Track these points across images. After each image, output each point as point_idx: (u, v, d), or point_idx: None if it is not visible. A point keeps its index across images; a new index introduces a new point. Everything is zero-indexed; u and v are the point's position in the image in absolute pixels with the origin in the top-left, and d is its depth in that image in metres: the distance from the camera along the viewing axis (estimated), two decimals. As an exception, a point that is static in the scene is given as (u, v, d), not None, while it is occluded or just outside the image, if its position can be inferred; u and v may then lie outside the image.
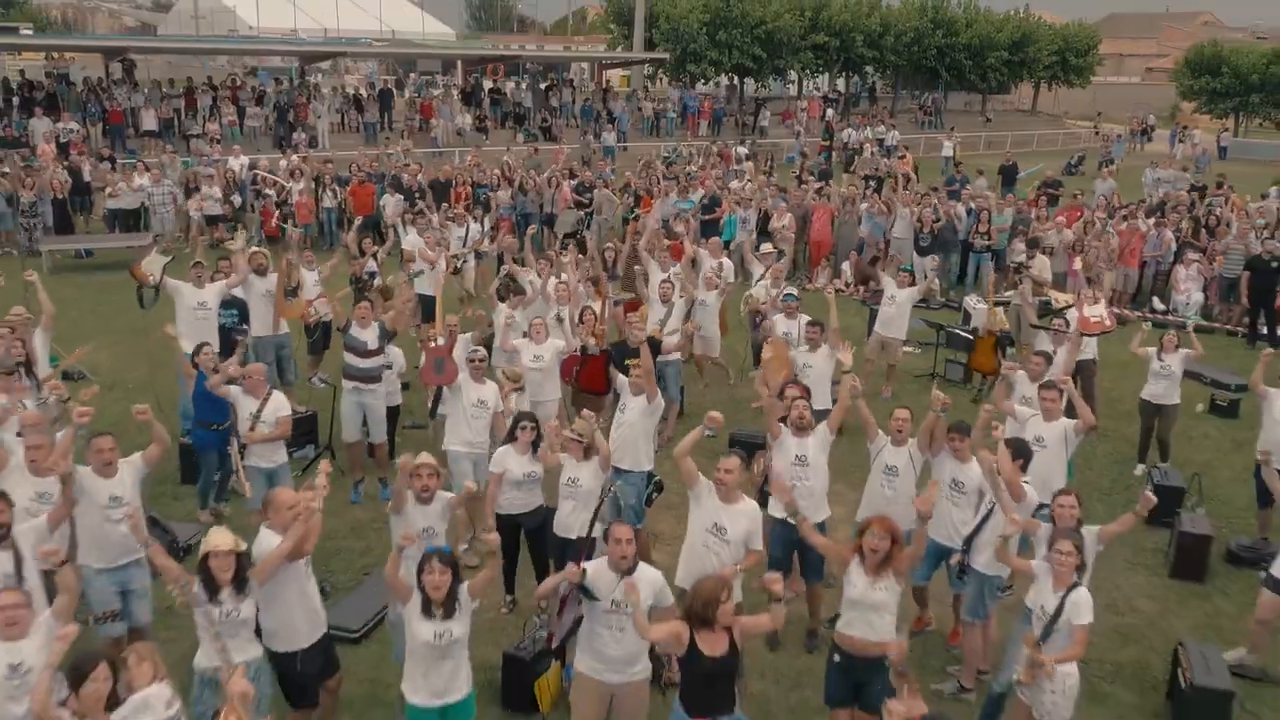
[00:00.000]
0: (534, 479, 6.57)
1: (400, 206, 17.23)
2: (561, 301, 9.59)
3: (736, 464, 5.58)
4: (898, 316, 11.11)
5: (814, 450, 6.50)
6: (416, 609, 4.72)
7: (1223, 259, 14.88)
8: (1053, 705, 4.96)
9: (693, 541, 5.77)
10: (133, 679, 4.04)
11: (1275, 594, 6.30)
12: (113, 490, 5.59)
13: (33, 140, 23.28)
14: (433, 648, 4.70)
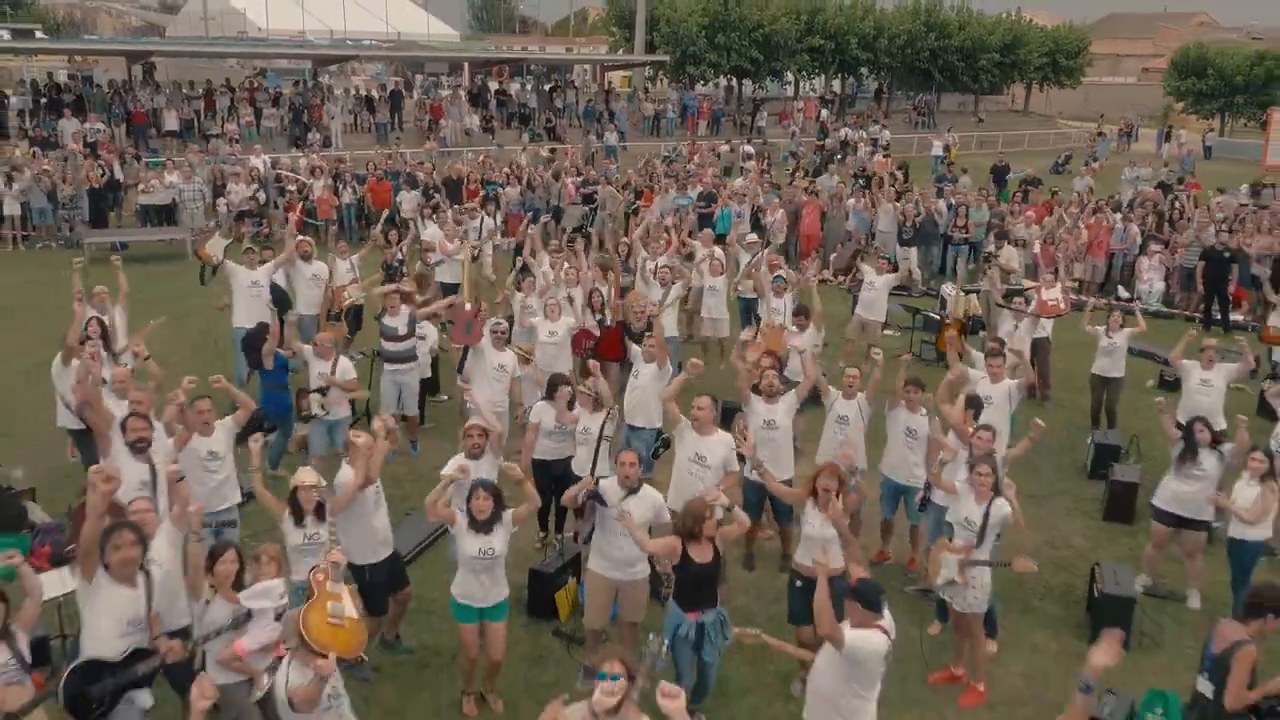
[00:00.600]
0: (564, 430, 7.69)
1: (416, 202, 18.45)
2: (570, 285, 10.75)
3: (708, 402, 6.80)
4: (877, 300, 12.28)
5: (781, 415, 7.58)
6: (464, 528, 5.83)
7: (1183, 251, 16.02)
8: (974, 599, 6.12)
9: (679, 470, 6.93)
10: (260, 573, 5.18)
11: (1158, 522, 7.47)
12: (211, 446, 6.70)
13: (62, 140, 24.44)
14: (476, 560, 5.79)
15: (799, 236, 17.98)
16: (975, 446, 6.59)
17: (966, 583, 6.13)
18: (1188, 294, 15.92)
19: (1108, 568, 7.23)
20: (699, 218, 17.52)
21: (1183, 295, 16.06)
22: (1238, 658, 4.97)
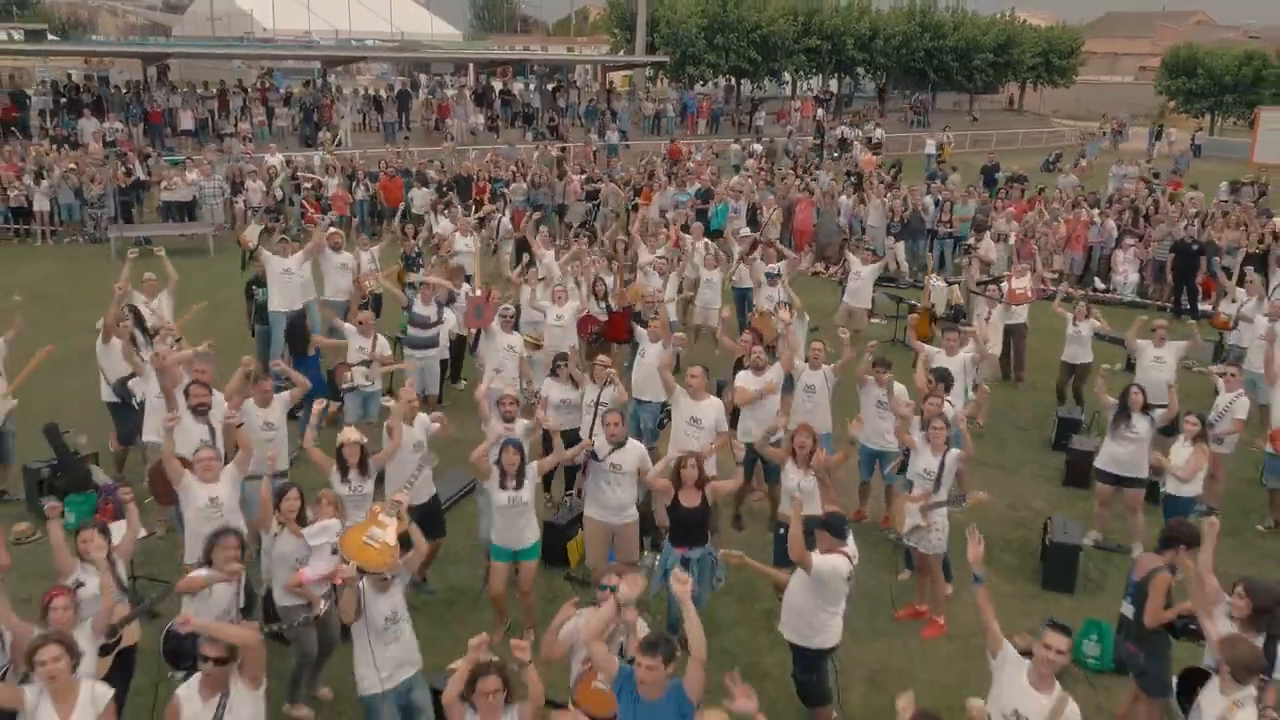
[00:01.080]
0: (570, 404, 8.56)
1: (427, 198, 19.34)
2: (577, 274, 11.64)
3: (700, 371, 7.73)
4: (862, 289, 13.18)
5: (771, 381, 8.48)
6: (496, 482, 6.71)
7: (1156, 245, 16.88)
8: (935, 541, 7.01)
9: (676, 431, 7.82)
10: (320, 514, 6.05)
11: (1101, 482, 8.34)
12: (268, 417, 7.56)
13: (82, 139, 25.32)
14: (507, 509, 6.67)
15: (793, 231, 18.84)
16: (926, 410, 7.44)
17: (929, 525, 7.01)
18: (1160, 285, 16.77)
19: (1058, 521, 8.12)
20: (697, 214, 18.39)
21: (1155, 286, 16.91)
22: (1154, 583, 5.83)
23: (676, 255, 13.27)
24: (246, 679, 4.46)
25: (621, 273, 12.14)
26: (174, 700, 4.48)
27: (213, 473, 6.41)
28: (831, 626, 5.76)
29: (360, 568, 5.26)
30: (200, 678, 4.44)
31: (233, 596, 5.53)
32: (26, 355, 8.81)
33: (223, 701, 4.37)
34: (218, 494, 6.36)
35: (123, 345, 8.48)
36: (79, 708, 4.29)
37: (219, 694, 4.38)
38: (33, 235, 19.91)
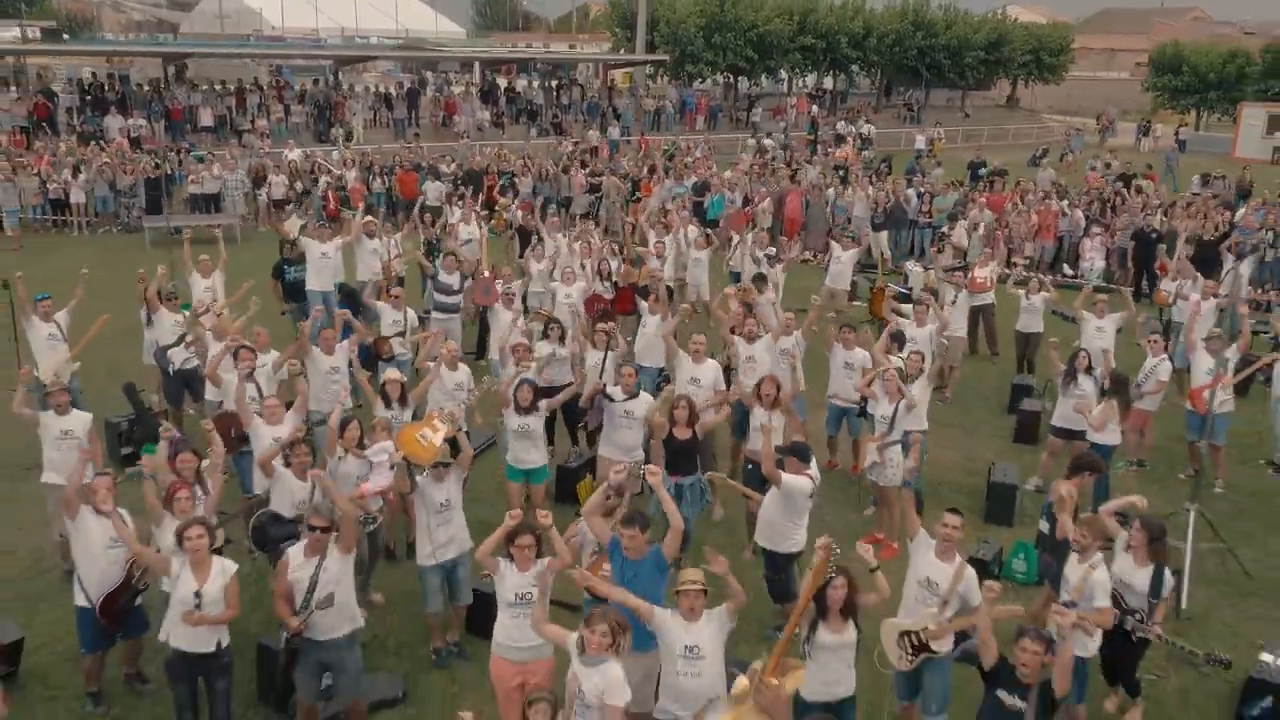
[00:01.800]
0: (559, 358, 9.80)
1: (440, 190, 20.62)
2: (584, 257, 12.91)
3: (702, 338, 8.95)
4: (842, 272, 14.47)
5: (760, 351, 9.75)
6: (511, 410, 8.04)
7: (1120, 233, 18.14)
8: (891, 474, 8.28)
9: (679, 388, 9.07)
10: (375, 438, 7.34)
11: (1054, 436, 9.61)
12: (333, 363, 8.84)
13: (108, 135, 26.59)
14: (519, 434, 8.03)
15: (783, 221, 20.11)
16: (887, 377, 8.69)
17: (885, 462, 8.29)
18: (1124, 270, 18.02)
19: (999, 466, 9.44)
20: (695, 204, 19.66)
21: (1120, 272, 18.15)
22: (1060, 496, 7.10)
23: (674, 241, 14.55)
24: (341, 546, 5.74)
25: (629, 255, 13.43)
26: (285, 556, 5.78)
27: (277, 417, 7.69)
28: (797, 536, 7.04)
29: (405, 456, 6.64)
30: (305, 542, 5.73)
31: (306, 493, 6.82)
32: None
33: (321, 562, 5.65)
34: (280, 434, 7.63)
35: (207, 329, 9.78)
36: (212, 575, 5.57)
37: (319, 556, 5.66)
38: (70, 225, 21.18)
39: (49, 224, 21.24)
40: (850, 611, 5.30)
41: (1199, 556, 8.41)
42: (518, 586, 5.59)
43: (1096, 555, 5.85)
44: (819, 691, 5.40)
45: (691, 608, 5.17)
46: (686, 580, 5.24)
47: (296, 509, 6.81)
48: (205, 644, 5.57)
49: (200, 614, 5.48)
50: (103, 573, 6.14)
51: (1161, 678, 7.03)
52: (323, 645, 5.74)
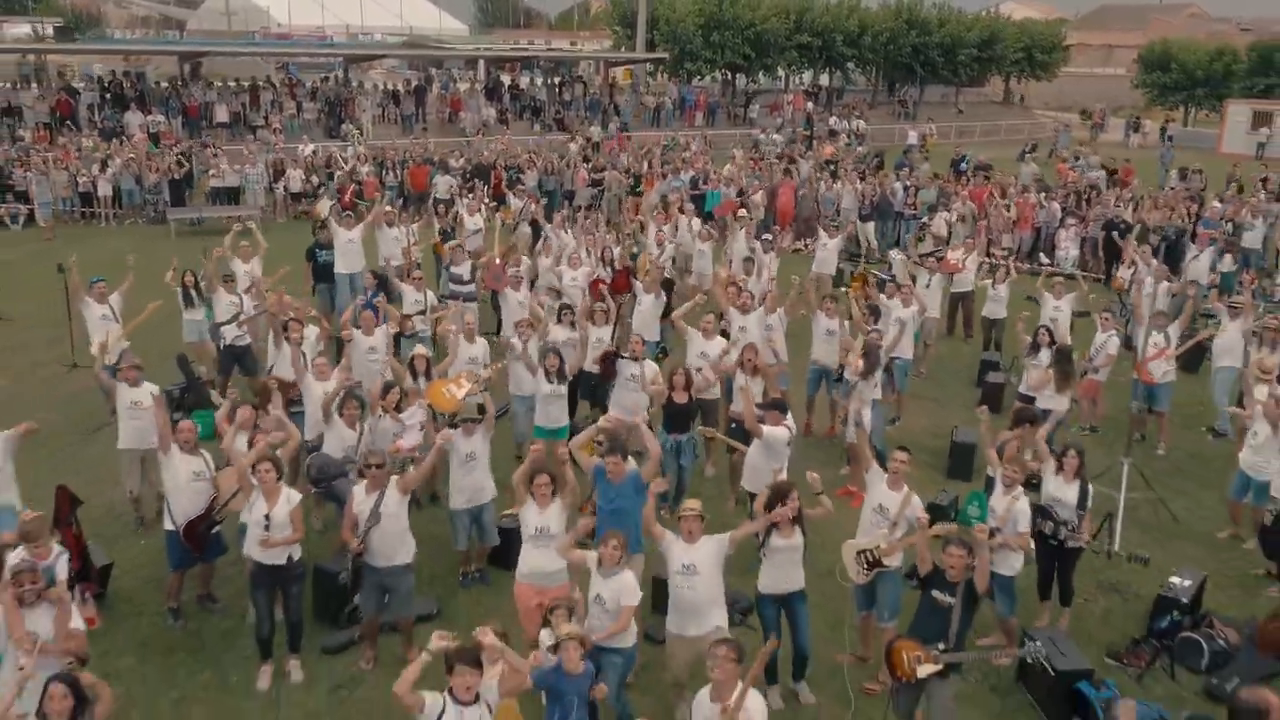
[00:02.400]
0: (571, 342, 10.89)
1: (450, 184, 21.72)
2: (589, 246, 14.01)
3: (713, 317, 10.06)
4: (828, 258, 15.58)
5: (751, 323, 10.84)
6: (541, 379, 9.14)
7: (1093, 224, 19.22)
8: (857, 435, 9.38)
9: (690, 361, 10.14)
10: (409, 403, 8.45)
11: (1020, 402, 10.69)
12: (371, 344, 9.90)
13: (128, 131, 27.65)
14: (548, 397, 9.13)
15: (776, 212, 21.19)
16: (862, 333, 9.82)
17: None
18: (1096, 259, 19.11)
19: (961, 429, 10.54)
20: (692, 198, 20.74)
21: (1093, 260, 19.25)
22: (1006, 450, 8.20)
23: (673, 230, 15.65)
24: (400, 487, 6.85)
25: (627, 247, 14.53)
26: (351, 492, 6.88)
27: (325, 374, 8.80)
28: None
29: (430, 403, 7.88)
30: (367, 480, 6.83)
31: (355, 439, 7.92)
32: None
33: (380, 496, 6.75)
34: (328, 388, 8.72)
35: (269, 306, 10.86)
36: (279, 503, 6.67)
37: (378, 491, 6.76)
38: (98, 217, 22.27)
39: (78, 216, 22.33)
40: (799, 521, 6.40)
41: (1135, 505, 9.54)
42: (538, 522, 6.67)
43: (1018, 489, 6.98)
44: (773, 586, 6.53)
45: (690, 531, 6.24)
46: (687, 508, 6.33)
47: (345, 453, 7.92)
48: (279, 558, 6.67)
49: (269, 537, 6.58)
50: (188, 502, 7.25)
51: (1089, 601, 8.15)
52: (381, 570, 6.86)
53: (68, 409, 11.73)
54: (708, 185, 21.32)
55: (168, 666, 7.05)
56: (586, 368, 9.87)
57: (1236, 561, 8.91)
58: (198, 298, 11.92)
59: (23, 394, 12.35)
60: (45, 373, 13.12)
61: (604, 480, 6.97)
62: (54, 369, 13.12)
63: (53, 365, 13.25)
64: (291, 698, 6.75)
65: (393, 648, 7.25)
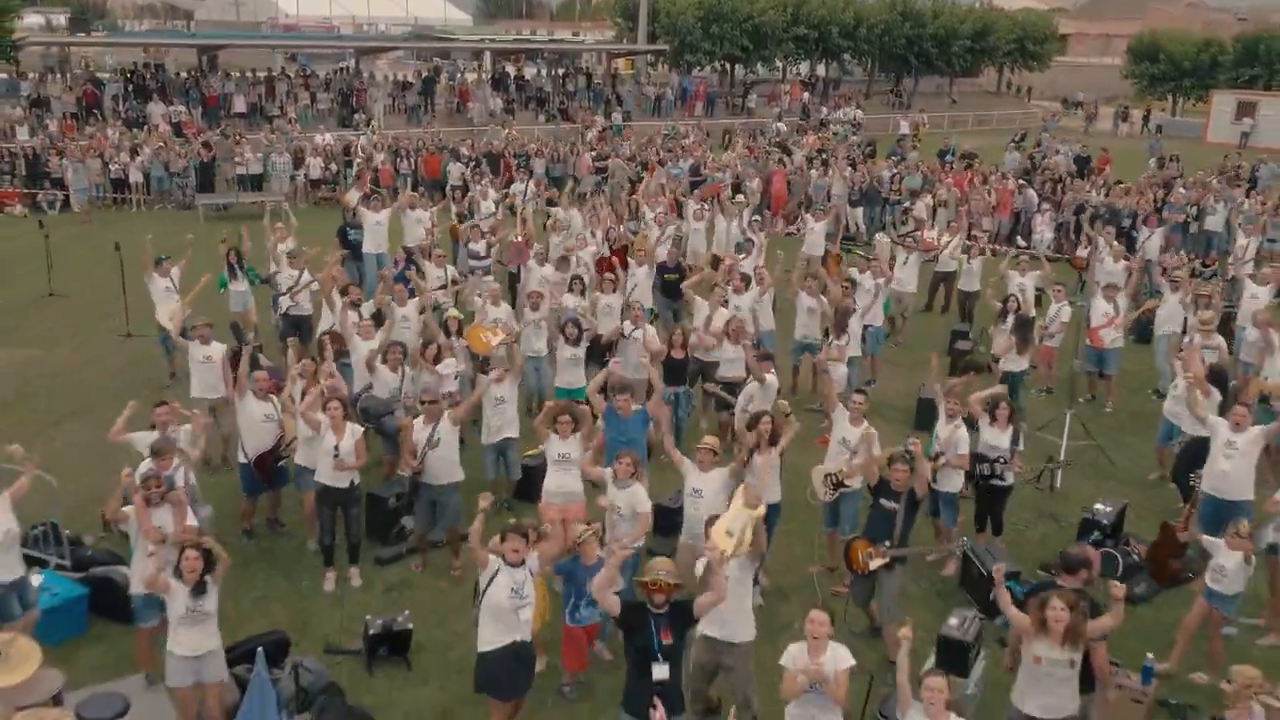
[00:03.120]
0: (583, 309, 12.19)
1: (461, 171, 23.02)
2: (592, 226, 15.32)
3: (720, 292, 11.36)
4: (815, 240, 16.88)
5: (746, 302, 12.14)
6: (562, 344, 10.44)
7: (1067, 209, 20.50)
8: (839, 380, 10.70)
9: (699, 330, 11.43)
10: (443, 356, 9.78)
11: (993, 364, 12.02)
12: (404, 313, 11.15)
13: (151, 121, 28.93)
14: (567, 361, 10.43)
15: (770, 198, 22.49)
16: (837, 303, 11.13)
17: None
18: (1070, 241, 20.39)
19: (927, 388, 11.86)
20: (690, 184, 22.02)
21: (1067, 243, 20.53)
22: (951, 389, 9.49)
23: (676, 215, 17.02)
24: (452, 419, 8.18)
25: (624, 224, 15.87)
26: (409, 421, 8.22)
27: (370, 335, 10.10)
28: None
29: (468, 344, 9.31)
30: (424, 414, 8.16)
31: (398, 384, 9.27)
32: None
33: (435, 427, 8.09)
34: (373, 346, 10.02)
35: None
36: (346, 435, 7.99)
37: (434, 423, 8.10)
38: (129, 203, 23.57)
39: (110, 201, 23.63)
40: (774, 441, 7.70)
41: (1080, 452, 10.88)
42: (560, 449, 7.98)
43: (959, 420, 8.33)
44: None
45: (702, 460, 7.54)
46: (704, 443, 7.63)
47: (390, 394, 9.28)
48: (343, 482, 8.01)
49: (341, 461, 7.92)
50: (259, 440, 8.58)
51: (1028, 528, 9.50)
52: (434, 489, 8.21)
53: (128, 373, 13.07)
54: (706, 171, 22.57)
55: (247, 575, 8.37)
56: (600, 331, 11.16)
57: (1160, 499, 10.23)
58: (240, 271, 13.23)
59: (85, 361, 13.71)
60: (102, 341, 14.46)
61: (614, 416, 8.30)
62: (110, 338, 14.47)
63: (109, 335, 14.59)
64: (352, 598, 8.10)
65: (436, 560, 8.61)
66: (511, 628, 5.98)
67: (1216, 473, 8.23)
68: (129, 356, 13.70)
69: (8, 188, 23.11)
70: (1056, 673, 5.62)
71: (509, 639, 5.99)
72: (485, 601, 6.02)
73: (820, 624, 5.57)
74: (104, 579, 7.64)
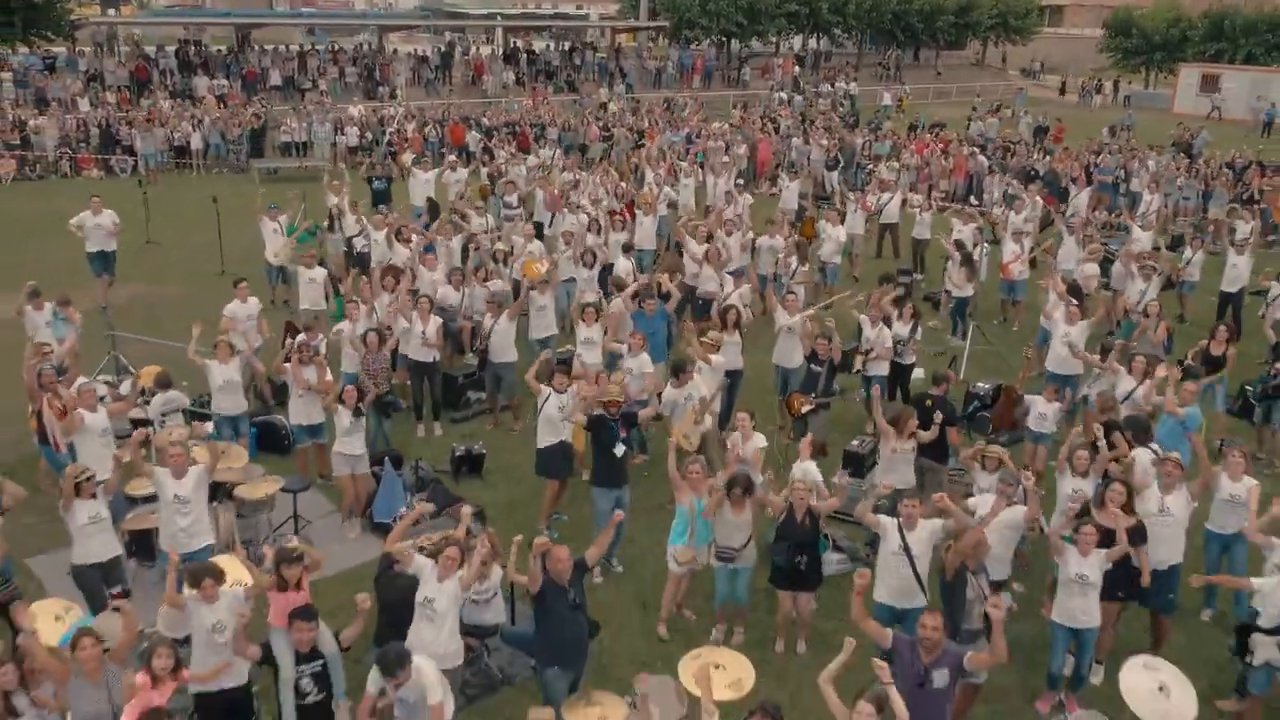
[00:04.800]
0: (597, 244, 15.31)
1: (481, 139, 26.11)
2: (606, 185, 18.45)
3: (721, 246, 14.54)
4: (790, 197, 20.00)
5: (734, 243, 15.23)
6: (582, 268, 13.60)
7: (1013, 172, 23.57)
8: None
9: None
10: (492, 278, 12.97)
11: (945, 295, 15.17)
12: (453, 245, 14.29)
13: (197, 93, 31.93)
14: (586, 280, 13.56)
15: (756, 163, 25.57)
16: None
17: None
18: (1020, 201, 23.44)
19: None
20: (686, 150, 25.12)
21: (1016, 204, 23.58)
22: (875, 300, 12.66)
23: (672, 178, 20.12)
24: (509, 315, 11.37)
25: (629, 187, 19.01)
26: (468, 324, 11.42)
27: (432, 266, 13.21)
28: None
29: (524, 271, 12.37)
30: (488, 311, 11.35)
31: (458, 299, 12.46)
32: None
33: (496, 320, 11.29)
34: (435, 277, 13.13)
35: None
36: (430, 323, 11.17)
37: (496, 318, 11.28)
38: (190, 167, 26.67)
39: (172, 166, 26.72)
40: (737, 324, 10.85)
41: (982, 355, 14.07)
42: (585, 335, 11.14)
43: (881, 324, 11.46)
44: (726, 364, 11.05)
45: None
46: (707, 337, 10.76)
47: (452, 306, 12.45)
48: (428, 358, 11.20)
49: (427, 339, 11.09)
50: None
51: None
52: (496, 365, 11.39)
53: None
54: (700, 139, 25.65)
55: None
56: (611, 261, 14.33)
57: (1034, 384, 13.43)
58: (338, 225, 16.32)
59: (191, 294, 16.84)
60: (201, 278, 17.59)
61: (642, 316, 11.41)
62: (208, 276, 17.61)
63: (206, 273, 17.71)
64: (437, 442, 11.33)
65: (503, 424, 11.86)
66: (558, 432, 9.18)
67: (1055, 357, 11.42)
68: (228, 288, 16.84)
69: (85, 154, 26.19)
70: (902, 458, 8.82)
71: (557, 439, 9.20)
72: (541, 416, 9.22)
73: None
74: (266, 423, 10.87)
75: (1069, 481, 7.99)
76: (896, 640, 5.73)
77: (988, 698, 7.15)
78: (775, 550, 7.51)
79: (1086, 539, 6.71)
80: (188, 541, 7.38)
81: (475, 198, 19.10)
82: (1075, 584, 6.75)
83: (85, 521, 7.17)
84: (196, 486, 7.48)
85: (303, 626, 5.71)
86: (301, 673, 5.75)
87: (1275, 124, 38.65)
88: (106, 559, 7.36)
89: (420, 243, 13.88)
